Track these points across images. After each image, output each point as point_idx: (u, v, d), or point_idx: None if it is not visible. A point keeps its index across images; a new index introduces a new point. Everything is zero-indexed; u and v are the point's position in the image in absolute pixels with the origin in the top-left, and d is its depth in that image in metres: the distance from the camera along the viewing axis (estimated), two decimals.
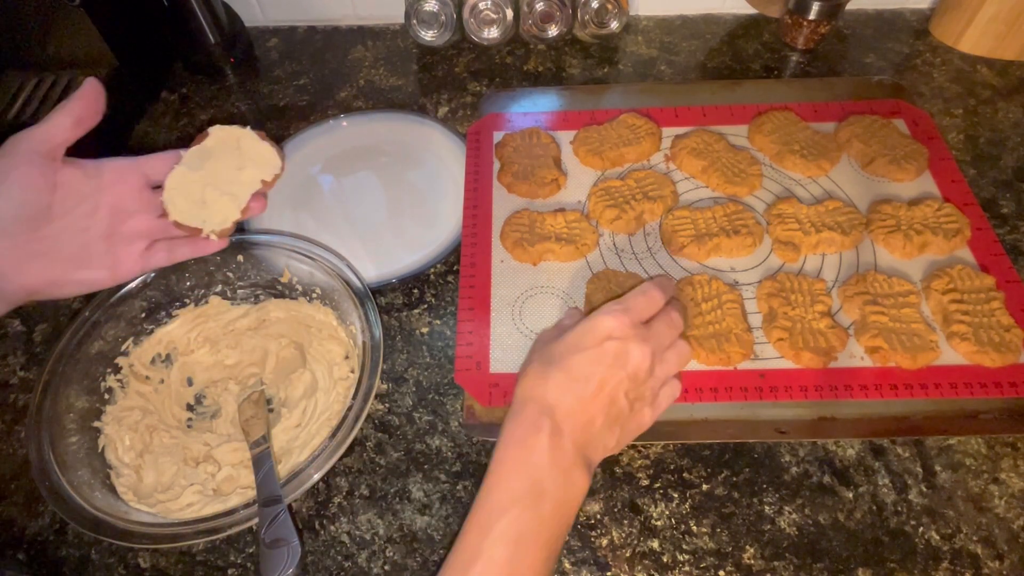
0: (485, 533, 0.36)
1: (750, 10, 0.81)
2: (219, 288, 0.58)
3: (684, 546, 0.46)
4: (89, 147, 0.67)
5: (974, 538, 0.45)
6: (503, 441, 0.39)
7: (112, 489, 0.48)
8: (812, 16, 0.72)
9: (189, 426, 0.54)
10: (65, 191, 0.41)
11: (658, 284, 0.45)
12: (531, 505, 0.37)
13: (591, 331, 0.41)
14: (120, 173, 0.44)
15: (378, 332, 0.51)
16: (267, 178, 0.48)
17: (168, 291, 0.56)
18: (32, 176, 0.39)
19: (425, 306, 0.58)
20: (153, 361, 0.56)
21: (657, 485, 0.48)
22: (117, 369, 0.54)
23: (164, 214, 0.47)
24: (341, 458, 0.47)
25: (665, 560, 0.45)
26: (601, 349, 0.40)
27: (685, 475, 0.49)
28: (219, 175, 0.47)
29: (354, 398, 0.48)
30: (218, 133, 0.48)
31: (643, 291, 0.44)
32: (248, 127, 0.49)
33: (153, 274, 0.54)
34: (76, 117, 0.41)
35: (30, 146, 0.39)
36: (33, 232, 0.40)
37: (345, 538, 0.47)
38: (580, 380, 0.40)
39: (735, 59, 0.77)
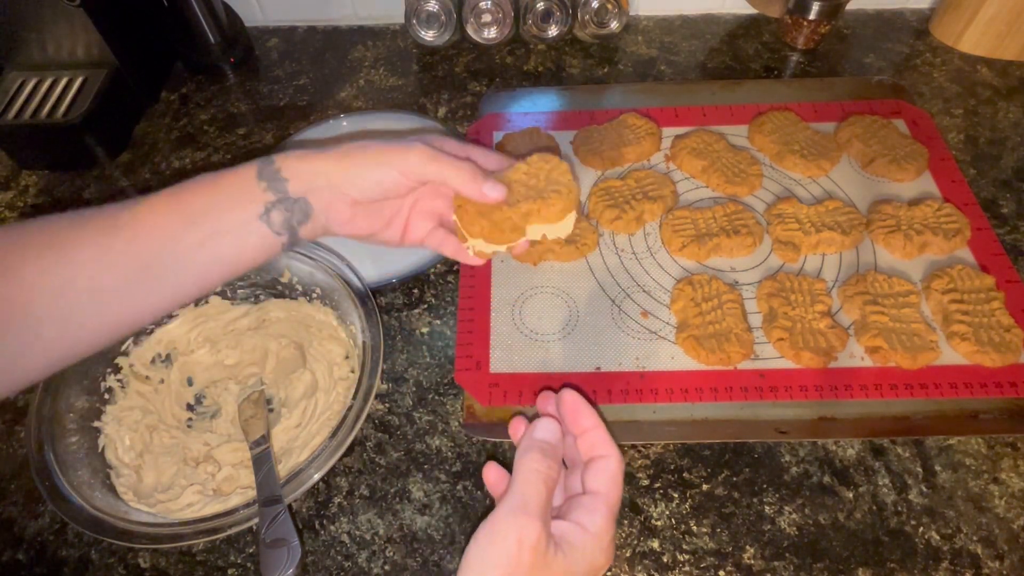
0: None
1: (750, 10, 0.81)
2: (219, 287, 0.58)
3: (684, 546, 0.46)
4: (88, 146, 0.68)
5: (974, 538, 0.45)
6: None
7: (112, 489, 0.48)
8: (812, 16, 0.72)
9: (189, 426, 0.54)
10: None
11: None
12: None
13: None
14: None
15: (378, 332, 0.51)
16: (550, 236, 0.45)
17: None
18: (403, 186, 0.41)
19: (425, 306, 0.58)
20: (153, 361, 0.56)
21: (657, 485, 0.48)
22: (117, 369, 0.54)
23: None
24: (341, 458, 0.47)
25: (665, 560, 0.45)
26: None
27: (685, 475, 0.49)
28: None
29: (354, 398, 0.48)
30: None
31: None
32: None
33: None
34: (470, 192, 0.42)
35: (422, 171, 0.41)
36: (378, 199, 0.43)
37: (345, 538, 0.47)
38: None
39: (735, 59, 0.77)
